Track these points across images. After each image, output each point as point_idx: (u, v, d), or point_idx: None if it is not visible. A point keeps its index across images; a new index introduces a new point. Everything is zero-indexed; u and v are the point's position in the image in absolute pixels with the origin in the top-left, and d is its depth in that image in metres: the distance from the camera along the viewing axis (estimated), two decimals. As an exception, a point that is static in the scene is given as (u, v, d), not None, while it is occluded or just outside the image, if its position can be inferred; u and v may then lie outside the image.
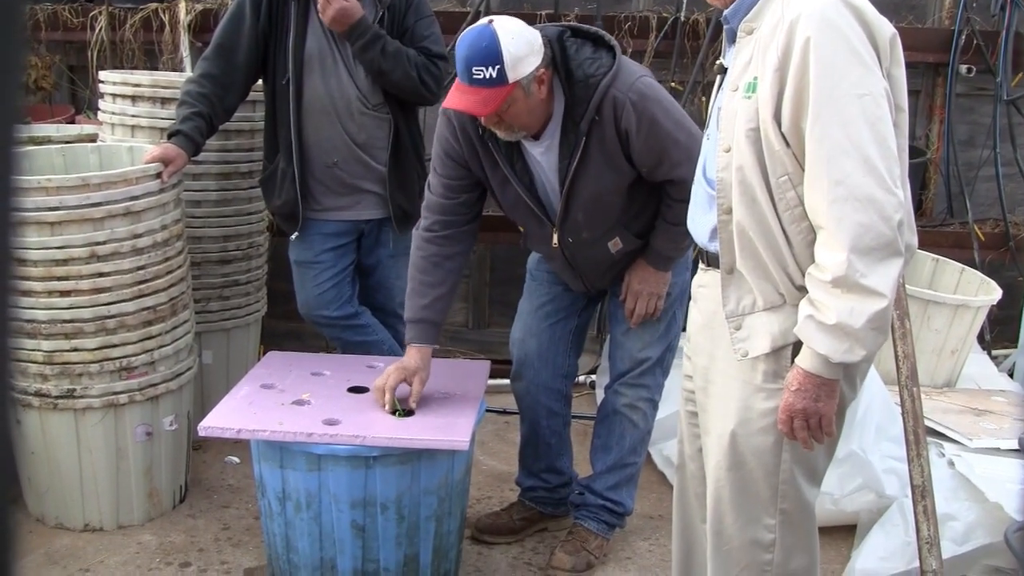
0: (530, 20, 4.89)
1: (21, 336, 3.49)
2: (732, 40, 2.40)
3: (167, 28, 4.93)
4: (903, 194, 2.16)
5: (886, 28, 2.21)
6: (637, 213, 3.25)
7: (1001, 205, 5.21)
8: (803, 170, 2.17)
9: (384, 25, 3.77)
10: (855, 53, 2.14)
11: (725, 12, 2.41)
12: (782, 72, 2.17)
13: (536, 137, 3.11)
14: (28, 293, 3.45)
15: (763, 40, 2.24)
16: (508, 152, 3.14)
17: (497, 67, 2.84)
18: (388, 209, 3.92)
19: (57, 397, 3.56)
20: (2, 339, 0.67)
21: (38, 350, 3.51)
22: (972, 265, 4.83)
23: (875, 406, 3.65)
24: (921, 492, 3.06)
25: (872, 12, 2.20)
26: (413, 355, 3.23)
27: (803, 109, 2.14)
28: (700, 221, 2.49)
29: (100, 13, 4.96)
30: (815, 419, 2.22)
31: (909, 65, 5.01)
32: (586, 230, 3.22)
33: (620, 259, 3.34)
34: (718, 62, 2.51)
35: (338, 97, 3.79)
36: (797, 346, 2.24)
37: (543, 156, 3.14)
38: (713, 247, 2.41)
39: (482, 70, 2.84)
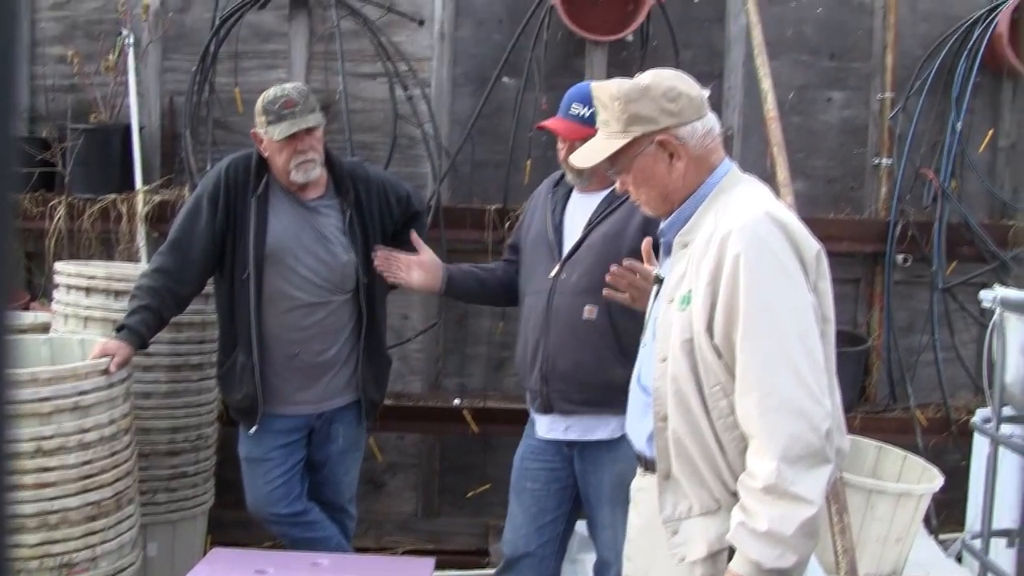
0: (479, 214, 5.08)
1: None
2: (668, 252, 2.50)
3: (124, 218, 5.02)
4: (831, 403, 2.24)
5: (812, 244, 2.32)
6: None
7: (941, 390, 5.32)
8: (735, 380, 2.25)
9: (360, 222, 3.94)
10: (783, 268, 2.24)
11: (661, 225, 2.52)
12: (714, 286, 2.27)
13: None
14: (-29, 489, 3.42)
15: (697, 254, 2.35)
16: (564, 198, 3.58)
17: None
18: (356, 393, 3.99)
19: (-5, 595, 3.49)
20: None
21: (-22, 546, 3.46)
22: (915, 449, 4.89)
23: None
24: None
25: (799, 229, 2.32)
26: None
27: (734, 322, 2.23)
28: (637, 427, 2.55)
29: (59, 203, 5.05)
30: (751, 623, 2.24)
31: (849, 254, 5.23)
32: (579, 273, 3.39)
33: (584, 341, 3.38)
34: (655, 272, 2.61)
35: (303, 288, 3.85)
36: (733, 550, 2.28)
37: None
38: (650, 452, 2.46)
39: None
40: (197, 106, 5.18)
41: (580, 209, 3.51)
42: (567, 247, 3.47)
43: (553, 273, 3.44)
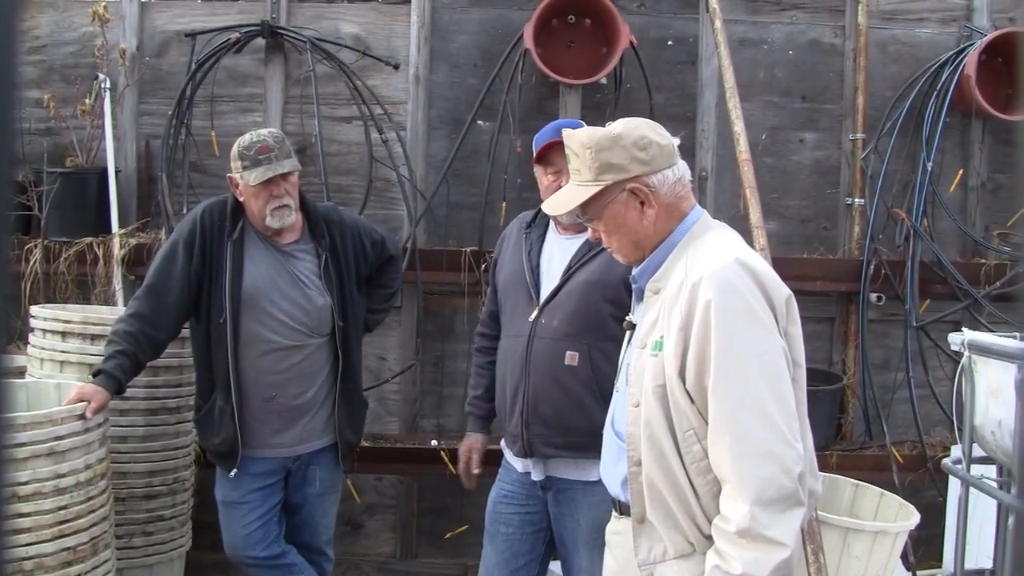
0: (455, 256, 5.09)
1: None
2: (640, 298, 2.53)
3: (101, 261, 5.02)
4: (802, 446, 2.26)
5: (782, 290, 2.35)
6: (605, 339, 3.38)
7: (917, 427, 5.34)
8: (707, 425, 2.27)
9: (335, 266, 3.95)
10: (753, 314, 2.27)
11: (633, 272, 2.55)
12: (685, 332, 2.30)
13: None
14: (-56, 536, 3.40)
15: (668, 300, 2.37)
16: (540, 239, 3.61)
17: None
18: (333, 436, 3.99)
19: (-31, 644, 3.46)
20: None
21: (-49, 595, 3.43)
22: (892, 487, 4.91)
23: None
24: None
25: (769, 275, 2.35)
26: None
27: (706, 367, 2.26)
28: (611, 471, 2.57)
29: (35, 246, 5.04)
30: (725, 665, 2.25)
31: (823, 294, 5.26)
32: (559, 318, 3.40)
33: (566, 387, 3.40)
34: (627, 318, 2.63)
35: (279, 332, 3.86)
36: (708, 594, 2.29)
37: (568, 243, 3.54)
38: (625, 496, 2.48)
39: None
40: (173, 150, 5.19)
41: (558, 251, 3.53)
42: (545, 289, 3.49)
43: (532, 317, 3.46)
